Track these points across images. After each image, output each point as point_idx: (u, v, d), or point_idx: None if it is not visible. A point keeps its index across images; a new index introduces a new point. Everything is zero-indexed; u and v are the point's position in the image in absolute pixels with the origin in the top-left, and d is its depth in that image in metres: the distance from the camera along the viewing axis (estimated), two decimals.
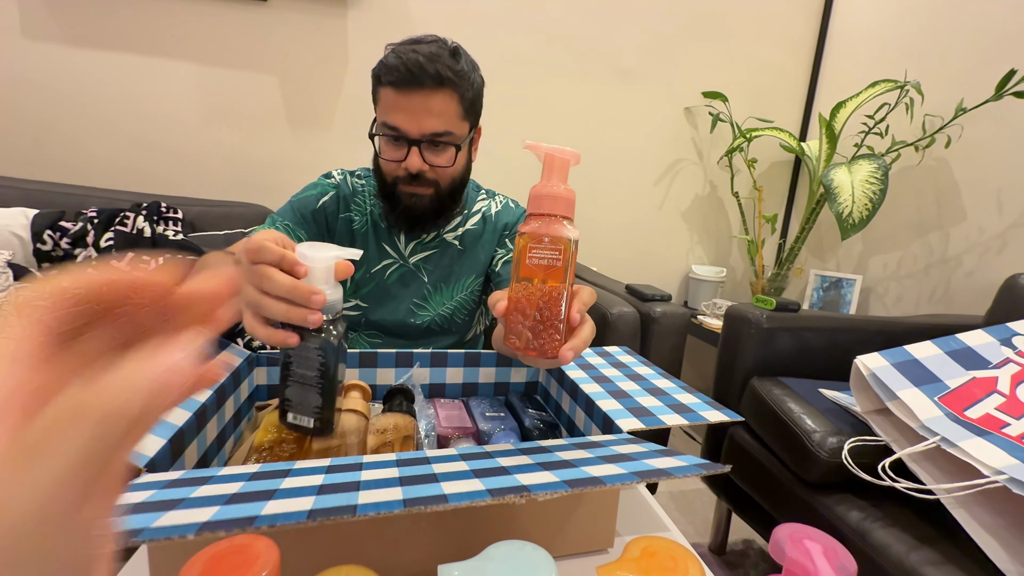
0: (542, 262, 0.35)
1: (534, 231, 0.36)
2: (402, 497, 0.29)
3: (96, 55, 1.31)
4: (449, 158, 0.70)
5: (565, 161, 0.38)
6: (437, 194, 0.72)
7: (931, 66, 1.40)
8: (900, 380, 0.74)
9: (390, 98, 0.67)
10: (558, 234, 0.35)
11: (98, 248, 1.10)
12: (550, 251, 0.35)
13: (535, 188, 0.37)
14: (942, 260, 1.38)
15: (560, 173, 0.38)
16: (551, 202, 0.36)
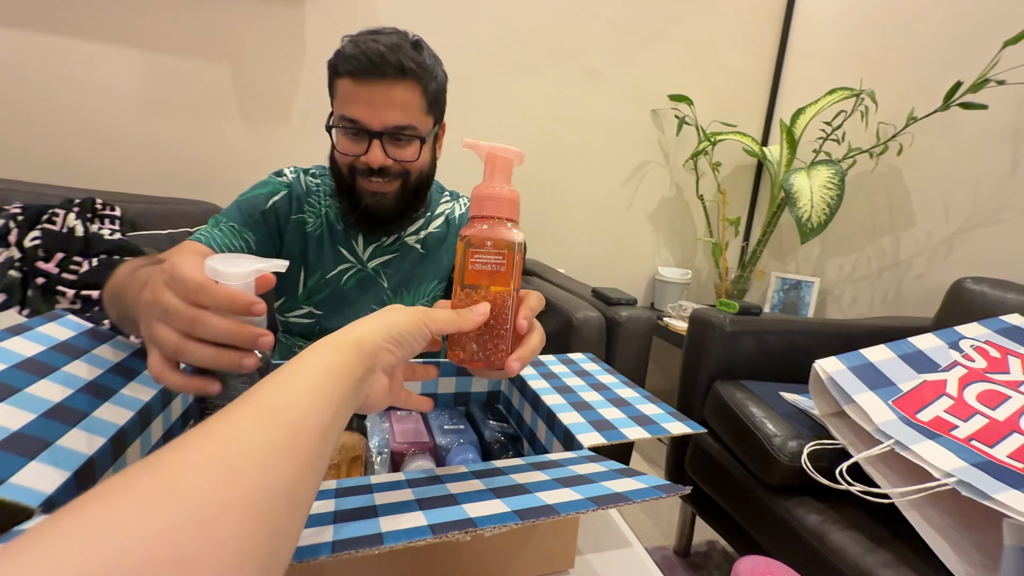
0: (486, 267, 0.33)
1: (476, 234, 0.34)
2: (331, 539, 0.26)
3: (25, 36, 1.20)
4: (413, 152, 0.65)
5: (508, 160, 0.36)
6: (402, 191, 0.67)
7: (885, 75, 1.45)
8: (856, 384, 0.76)
9: (349, 89, 0.62)
10: (502, 237, 0.33)
11: (22, 248, 1.01)
12: (494, 255, 0.33)
13: (476, 189, 0.35)
14: (894, 263, 1.44)
15: (503, 173, 0.36)
16: (494, 204, 0.34)
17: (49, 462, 0.33)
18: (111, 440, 0.38)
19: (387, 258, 0.75)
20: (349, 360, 0.26)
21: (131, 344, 0.49)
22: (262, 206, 0.69)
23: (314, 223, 0.73)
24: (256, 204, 0.69)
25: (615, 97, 1.69)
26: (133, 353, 0.48)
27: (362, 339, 0.28)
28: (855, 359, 0.79)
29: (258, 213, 0.69)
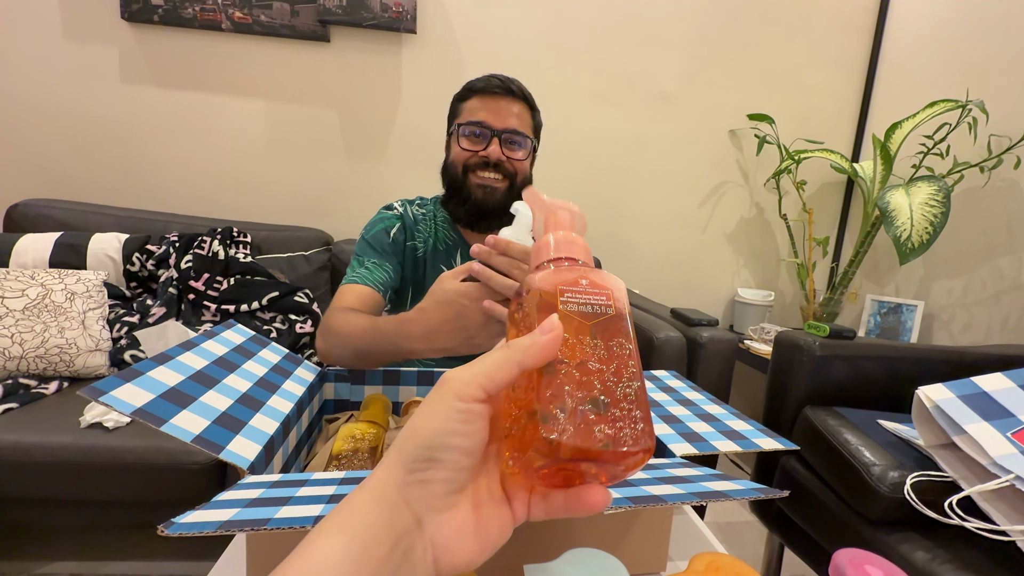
0: (585, 308, 0.23)
1: (555, 277, 0.24)
2: None
3: (179, 95, 1.47)
4: (524, 154, 0.77)
5: (571, 221, 0.29)
6: (508, 191, 0.77)
7: (994, 84, 1.35)
8: (967, 413, 0.71)
9: (476, 104, 0.76)
10: (598, 279, 0.25)
11: (179, 269, 1.21)
12: (594, 295, 0.24)
13: (541, 240, 0.28)
14: (1015, 286, 1.30)
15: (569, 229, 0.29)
16: (567, 247, 0.27)
17: (247, 437, 0.42)
18: (281, 424, 0.47)
19: None
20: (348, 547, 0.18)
21: (282, 349, 0.60)
22: (386, 240, 0.80)
23: (423, 248, 0.82)
24: (381, 239, 0.79)
25: (689, 120, 1.69)
26: (284, 357, 0.59)
27: (366, 493, 0.19)
28: (966, 387, 0.74)
29: (388, 246, 0.79)
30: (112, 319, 1.11)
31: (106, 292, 1.13)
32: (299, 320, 1.22)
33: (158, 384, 0.41)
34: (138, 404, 0.38)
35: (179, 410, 0.40)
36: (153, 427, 0.37)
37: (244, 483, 0.36)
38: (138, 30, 1.42)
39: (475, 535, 0.20)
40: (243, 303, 1.19)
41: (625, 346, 0.22)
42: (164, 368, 0.44)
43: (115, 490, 0.87)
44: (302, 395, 0.54)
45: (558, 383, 0.20)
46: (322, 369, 0.63)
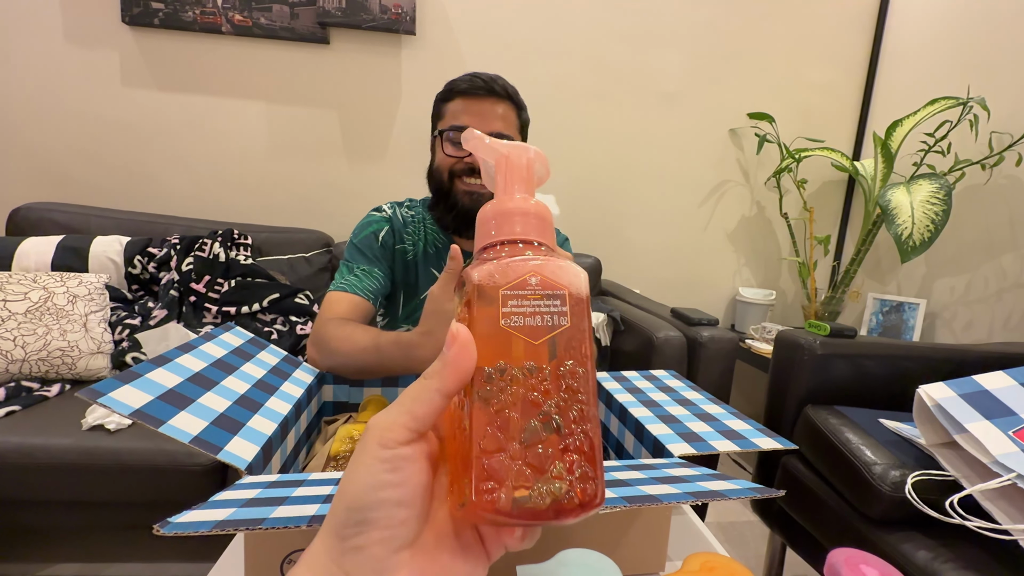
0: (533, 320, 0.18)
1: (500, 271, 0.19)
2: None
3: (180, 98, 1.47)
4: None
5: (526, 167, 0.23)
6: None
7: (995, 80, 1.34)
8: (969, 412, 0.71)
9: (459, 106, 0.74)
10: (553, 274, 0.19)
11: (180, 272, 1.21)
12: (545, 301, 0.19)
13: (485, 209, 0.22)
14: (1017, 284, 1.30)
15: (522, 184, 0.23)
16: (518, 221, 0.21)
17: (245, 438, 0.43)
18: (279, 425, 0.48)
19: None
20: None
21: (280, 351, 0.60)
22: (375, 244, 0.79)
23: (412, 250, 0.82)
24: (370, 244, 0.78)
25: (690, 119, 1.69)
26: (282, 359, 0.59)
27: (303, 569, 0.18)
28: (967, 385, 0.74)
29: (378, 250, 0.78)
30: (114, 321, 1.12)
31: (108, 295, 1.13)
32: (300, 322, 1.22)
33: (157, 386, 0.42)
34: (137, 405, 0.38)
35: (177, 411, 0.41)
36: (152, 428, 0.37)
37: (242, 483, 0.36)
38: (139, 33, 1.42)
39: None
40: (244, 305, 1.19)
41: (576, 371, 0.18)
42: (163, 370, 0.44)
43: (117, 492, 0.87)
44: (300, 397, 0.54)
45: (490, 426, 0.17)
46: (320, 371, 0.63)
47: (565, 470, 0.17)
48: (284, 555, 0.37)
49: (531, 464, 0.17)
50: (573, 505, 0.17)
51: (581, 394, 0.18)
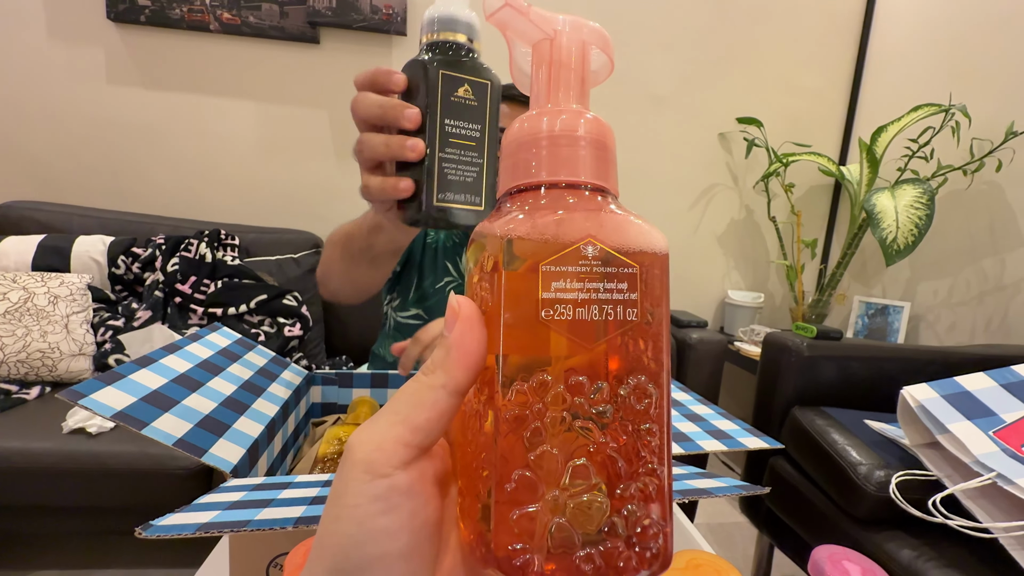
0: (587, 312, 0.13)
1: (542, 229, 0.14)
2: None
3: (168, 96, 1.45)
4: None
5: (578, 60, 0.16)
6: None
7: (977, 88, 1.37)
8: (951, 412, 0.72)
9: (513, 111, 0.76)
10: (621, 236, 0.14)
11: (165, 272, 1.19)
12: (608, 281, 0.14)
13: (513, 129, 0.16)
14: (998, 287, 1.32)
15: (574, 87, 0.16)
16: (572, 151, 0.15)
17: (231, 440, 0.42)
18: (266, 427, 0.47)
19: None
20: None
21: (268, 352, 0.59)
22: None
23: (434, 235, 0.81)
24: None
25: (680, 123, 1.71)
26: (270, 360, 0.58)
27: None
28: (949, 387, 0.75)
29: None
30: (96, 323, 1.10)
31: (90, 295, 1.11)
32: (288, 323, 1.21)
33: (140, 387, 0.41)
34: (119, 407, 0.38)
35: (161, 413, 0.40)
36: (135, 431, 0.37)
37: (226, 486, 0.36)
38: (124, 31, 1.40)
39: None
40: (230, 306, 1.18)
41: (650, 391, 0.13)
42: (146, 371, 0.43)
43: (99, 496, 0.86)
44: (288, 398, 0.54)
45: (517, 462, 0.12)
46: (309, 372, 0.62)
47: (623, 526, 0.13)
48: (270, 558, 0.36)
49: (577, 521, 0.12)
50: (630, 569, 0.12)
51: (651, 423, 0.13)
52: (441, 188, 0.33)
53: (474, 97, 0.34)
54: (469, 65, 0.34)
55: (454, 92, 0.32)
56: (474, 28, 0.35)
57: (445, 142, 0.33)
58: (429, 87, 0.32)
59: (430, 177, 0.33)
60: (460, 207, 0.34)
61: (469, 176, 0.34)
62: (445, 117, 0.33)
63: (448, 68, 0.33)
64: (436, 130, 0.32)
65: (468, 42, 0.34)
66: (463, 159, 0.34)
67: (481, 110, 0.34)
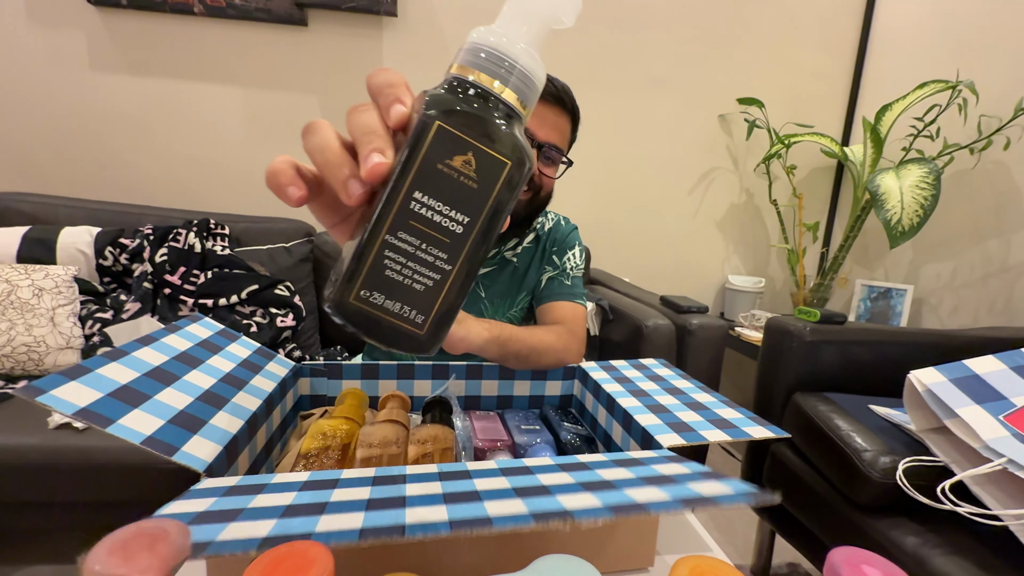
0: None
1: None
2: (447, 518, 0.29)
3: (153, 83, 1.41)
4: (554, 171, 0.74)
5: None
6: (529, 202, 0.74)
7: (985, 64, 1.33)
8: (960, 397, 0.70)
9: None
10: None
11: (153, 263, 1.17)
12: None
13: None
14: (1002, 269, 1.30)
15: None
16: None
17: (207, 437, 0.40)
18: (247, 422, 0.45)
19: (488, 270, 0.80)
20: None
21: (253, 343, 0.57)
22: None
23: None
24: None
25: (680, 104, 1.67)
26: (255, 351, 0.56)
27: None
28: (958, 370, 0.73)
29: None
30: (84, 316, 1.07)
31: (77, 288, 1.09)
32: (280, 314, 1.18)
33: (108, 382, 0.38)
34: (82, 404, 0.35)
35: (130, 409, 0.38)
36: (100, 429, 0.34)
37: (197, 489, 0.33)
38: (106, 14, 1.36)
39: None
40: (221, 297, 1.15)
41: None
42: (116, 365, 0.41)
43: (88, 492, 0.84)
44: (272, 391, 0.51)
45: None
46: (297, 364, 0.60)
47: None
48: None
49: None
50: None
51: None
52: (368, 281, 0.21)
53: (476, 176, 0.21)
54: (492, 130, 0.21)
55: (446, 157, 0.21)
56: (530, 82, 0.23)
57: (402, 222, 0.21)
58: (414, 136, 0.21)
59: (360, 258, 0.21)
60: (387, 318, 0.22)
61: (420, 283, 0.22)
62: (416, 188, 0.21)
63: (453, 122, 0.21)
64: (396, 199, 0.21)
65: (513, 102, 0.23)
66: (420, 257, 0.22)
67: (479, 197, 0.22)
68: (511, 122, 0.22)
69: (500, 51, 0.22)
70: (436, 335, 0.23)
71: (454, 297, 0.22)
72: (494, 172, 0.22)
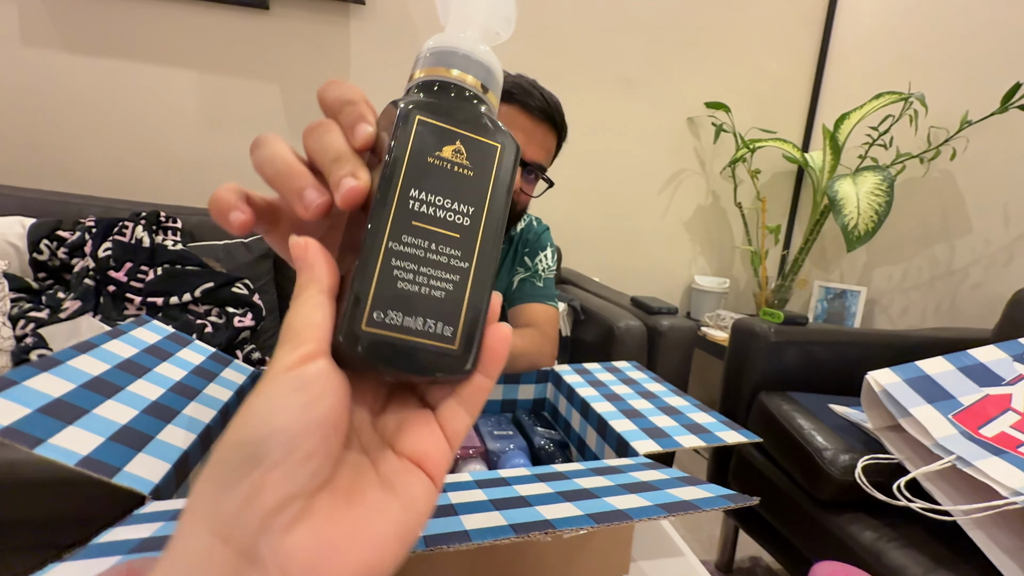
0: None
1: None
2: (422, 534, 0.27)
3: (96, 62, 1.31)
4: (533, 190, 0.73)
5: None
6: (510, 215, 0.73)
7: (935, 77, 1.40)
8: (913, 397, 0.73)
9: (517, 118, 0.69)
10: None
11: (96, 258, 1.08)
12: None
13: None
14: (948, 272, 1.38)
15: None
16: None
17: (153, 454, 0.36)
18: (199, 437, 0.41)
19: None
20: None
21: (207, 348, 0.53)
22: None
23: None
24: None
25: (650, 106, 1.69)
26: (209, 356, 0.52)
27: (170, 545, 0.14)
28: (911, 371, 0.77)
29: None
30: (16, 314, 0.98)
31: (7, 284, 1.00)
32: (238, 313, 1.12)
33: (37, 396, 0.34)
34: (5, 422, 0.31)
35: (64, 426, 0.34)
36: (28, 450, 0.30)
37: (142, 513, 0.30)
38: None
39: (362, 542, 0.14)
40: (172, 295, 1.08)
41: None
42: (48, 375, 0.37)
43: (18, 510, 0.77)
44: (229, 400, 0.48)
45: None
46: (255, 369, 0.56)
47: None
48: None
49: None
50: None
51: None
52: (380, 300, 0.18)
53: (469, 163, 0.20)
54: (471, 115, 0.21)
55: (435, 150, 0.20)
56: (491, 72, 0.23)
57: (403, 224, 0.19)
58: (396, 138, 0.19)
59: (363, 276, 0.18)
60: (411, 339, 0.19)
61: (438, 288, 0.19)
62: (411, 186, 0.19)
63: (432, 114, 0.20)
64: (390, 204, 0.19)
65: (478, 88, 0.22)
66: (432, 259, 0.19)
67: (478, 185, 0.20)
68: (487, 108, 0.22)
69: (452, 45, 0.22)
70: (469, 346, 0.19)
71: (479, 297, 0.20)
72: (487, 157, 0.21)
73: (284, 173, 0.19)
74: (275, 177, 0.19)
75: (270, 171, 0.20)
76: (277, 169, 0.19)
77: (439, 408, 0.19)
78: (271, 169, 0.19)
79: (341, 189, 0.18)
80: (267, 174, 0.20)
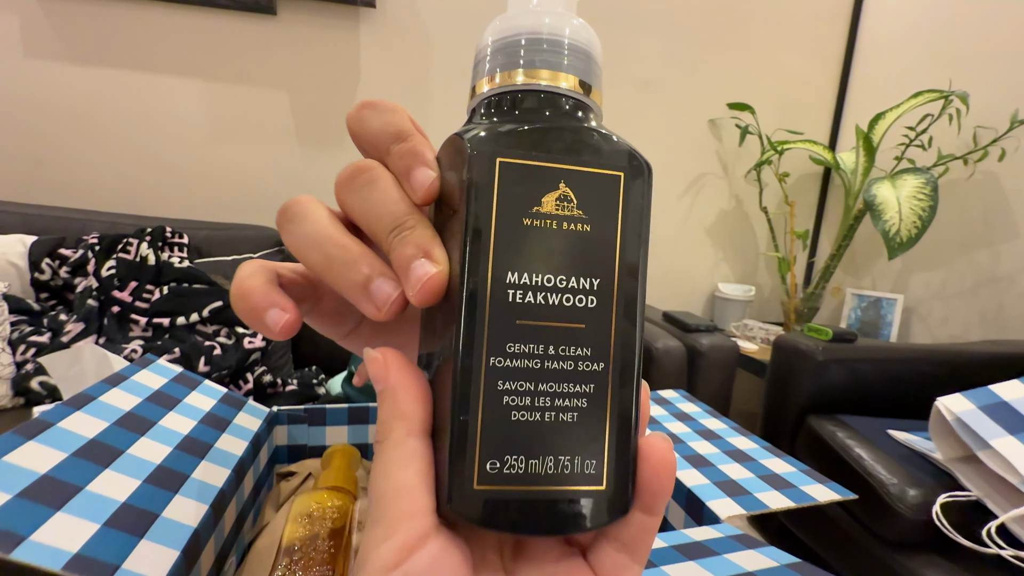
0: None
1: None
2: None
3: (99, 72, 1.26)
4: None
5: None
6: None
7: (978, 74, 1.33)
8: (991, 426, 0.66)
9: None
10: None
11: (99, 277, 1.03)
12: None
13: None
14: (992, 279, 1.30)
15: None
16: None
17: (158, 539, 0.30)
18: (212, 506, 0.36)
19: None
20: None
21: (218, 389, 0.47)
22: None
23: None
24: None
25: (669, 108, 1.63)
26: (220, 400, 0.46)
27: None
28: (985, 396, 0.70)
29: None
30: (16, 339, 0.93)
31: (7, 307, 0.95)
32: (248, 334, 1.07)
33: (18, 475, 0.29)
34: None
35: (50, 514, 0.28)
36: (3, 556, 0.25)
37: None
38: None
39: None
40: (180, 315, 1.03)
41: None
42: (33, 445, 0.31)
43: None
44: (244, 454, 0.42)
45: None
46: (271, 410, 0.50)
47: None
48: None
49: None
50: None
51: None
52: (491, 446, 0.13)
53: (582, 212, 0.14)
54: (573, 138, 0.15)
55: (531, 205, 0.13)
56: (590, 60, 0.16)
57: (505, 329, 0.13)
58: (473, 198, 0.13)
59: (463, 418, 0.13)
60: (543, 489, 0.13)
61: (568, 409, 0.13)
62: (506, 268, 0.13)
63: (517, 149, 0.13)
64: (482, 304, 0.13)
65: (577, 89, 0.15)
66: (552, 367, 0.13)
67: (601, 239, 0.14)
68: (594, 116, 0.16)
69: (531, 29, 0.15)
70: (623, 478, 0.14)
71: (626, 407, 0.14)
72: (607, 195, 0.14)
73: (340, 260, 0.14)
74: (328, 267, 0.14)
75: (318, 258, 0.15)
76: (328, 255, 0.14)
77: (592, 554, 0.15)
78: (319, 255, 0.15)
79: (412, 280, 0.13)
80: (313, 260, 0.15)
